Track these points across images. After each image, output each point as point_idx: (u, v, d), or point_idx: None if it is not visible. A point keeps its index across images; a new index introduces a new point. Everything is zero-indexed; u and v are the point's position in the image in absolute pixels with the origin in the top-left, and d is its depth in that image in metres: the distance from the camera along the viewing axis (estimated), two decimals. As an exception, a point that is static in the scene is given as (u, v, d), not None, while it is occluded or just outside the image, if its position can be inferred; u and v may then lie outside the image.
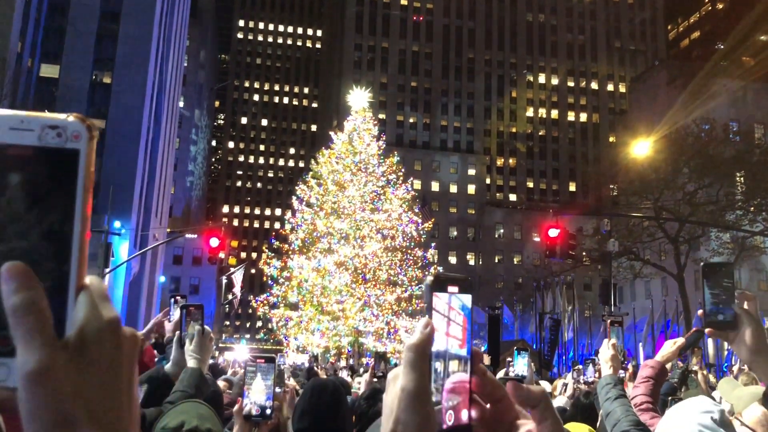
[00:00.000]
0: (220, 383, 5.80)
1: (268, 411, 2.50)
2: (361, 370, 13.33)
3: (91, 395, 0.52)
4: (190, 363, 2.86)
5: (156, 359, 6.14)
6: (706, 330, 2.01)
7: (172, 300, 3.91)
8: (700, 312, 2.02)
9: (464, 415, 0.68)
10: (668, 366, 5.25)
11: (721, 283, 1.98)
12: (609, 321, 3.55)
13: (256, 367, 2.53)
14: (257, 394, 2.52)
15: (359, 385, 7.68)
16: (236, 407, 2.50)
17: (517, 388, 0.71)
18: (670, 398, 4.99)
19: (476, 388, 0.69)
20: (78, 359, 0.53)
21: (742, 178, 36.59)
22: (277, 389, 2.68)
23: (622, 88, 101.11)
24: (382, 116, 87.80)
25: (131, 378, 0.56)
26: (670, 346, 3.97)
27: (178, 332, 3.07)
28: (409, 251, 38.02)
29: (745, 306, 1.96)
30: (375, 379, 4.75)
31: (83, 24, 49.29)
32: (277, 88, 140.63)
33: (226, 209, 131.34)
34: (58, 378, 0.51)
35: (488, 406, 0.70)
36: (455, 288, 0.71)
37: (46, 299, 0.53)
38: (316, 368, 13.29)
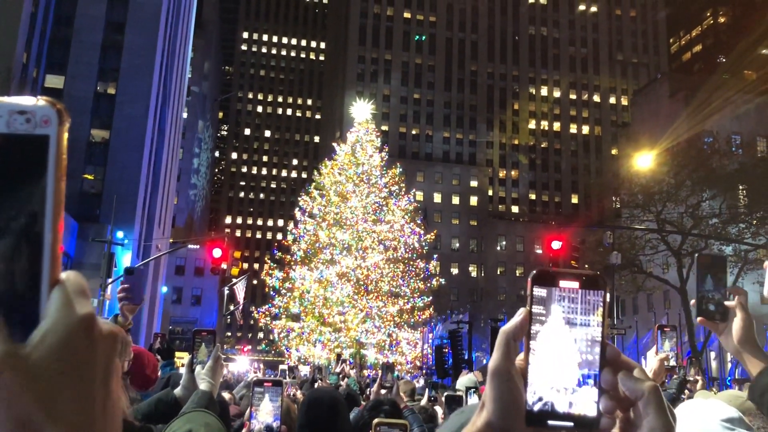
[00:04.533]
0: (225, 395, 5.81)
1: None
2: (364, 384, 13.25)
3: (59, 398, 0.49)
4: (202, 386, 2.87)
5: (159, 365, 6.15)
6: (698, 319, 2.05)
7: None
8: (692, 302, 2.06)
9: (590, 407, 0.68)
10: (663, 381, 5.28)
11: (715, 275, 2.03)
12: (657, 326, 3.52)
13: (264, 389, 2.63)
14: (265, 415, 2.59)
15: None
16: (244, 430, 2.56)
17: (626, 378, 0.69)
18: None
19: (605, 384, 0.69)
20: (42, 360, 0.49)
21: (744, 191, 36.59)
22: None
23: (624, 101, 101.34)
24: (384, 128, 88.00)
25: (108, 379, 0.52)
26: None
27: (189, 356, 3.09)
28: (411, 263, 37.95)
29: (736, 300, 2.00)
30: (383, 390, 4.74)
31: (88, 35, 49.60)
32: (280, 99, 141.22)
33: (228, 220, 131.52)
34: (11, 381, 0.48)
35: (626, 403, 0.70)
36: (574, 283, 0.70)
37: None
38: (319, 380, 13.23)
